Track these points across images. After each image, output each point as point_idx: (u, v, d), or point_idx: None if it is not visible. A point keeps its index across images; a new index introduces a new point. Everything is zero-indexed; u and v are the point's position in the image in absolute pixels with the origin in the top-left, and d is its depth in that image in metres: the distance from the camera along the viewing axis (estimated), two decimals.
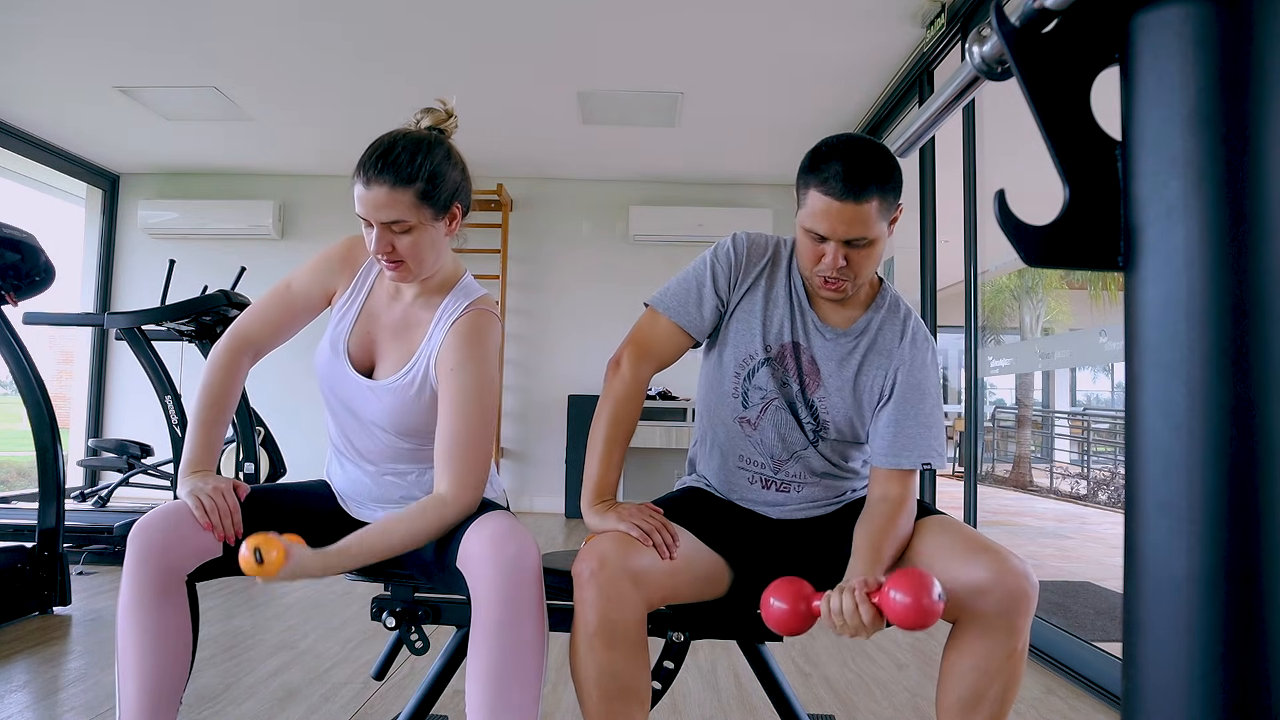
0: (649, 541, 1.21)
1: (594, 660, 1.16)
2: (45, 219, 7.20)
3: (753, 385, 1.37)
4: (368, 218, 1.27)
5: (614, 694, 1.17)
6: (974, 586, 1.12)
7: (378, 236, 1.27)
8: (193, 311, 3.43)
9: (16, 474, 8.57)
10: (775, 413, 1.37)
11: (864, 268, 1.25)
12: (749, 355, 1.36)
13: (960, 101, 0.62)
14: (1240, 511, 0.37)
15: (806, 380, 1.35)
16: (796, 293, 1.37)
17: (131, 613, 1.22)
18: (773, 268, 1.38)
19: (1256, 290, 0.38)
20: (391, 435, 1.38)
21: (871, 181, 1.18)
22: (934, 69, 3.42)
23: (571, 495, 5.41)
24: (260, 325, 1.44)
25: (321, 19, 3.47)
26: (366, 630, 2.63)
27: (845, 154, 1.19)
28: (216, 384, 1.38)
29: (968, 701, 1.13)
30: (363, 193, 1.27)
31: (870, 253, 1.24)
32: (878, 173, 1.19)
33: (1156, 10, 0.41)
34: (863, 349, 1.35)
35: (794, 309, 1.36)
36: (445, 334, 1.33)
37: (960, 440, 10.78)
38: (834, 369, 1.34)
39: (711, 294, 1.37)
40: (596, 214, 5.75)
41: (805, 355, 1.35)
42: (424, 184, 1.27)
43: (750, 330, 1.36)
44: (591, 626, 1.16)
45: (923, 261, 3.51)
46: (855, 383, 1.34)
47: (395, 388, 1.35)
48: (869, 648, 2.55)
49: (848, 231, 1.20)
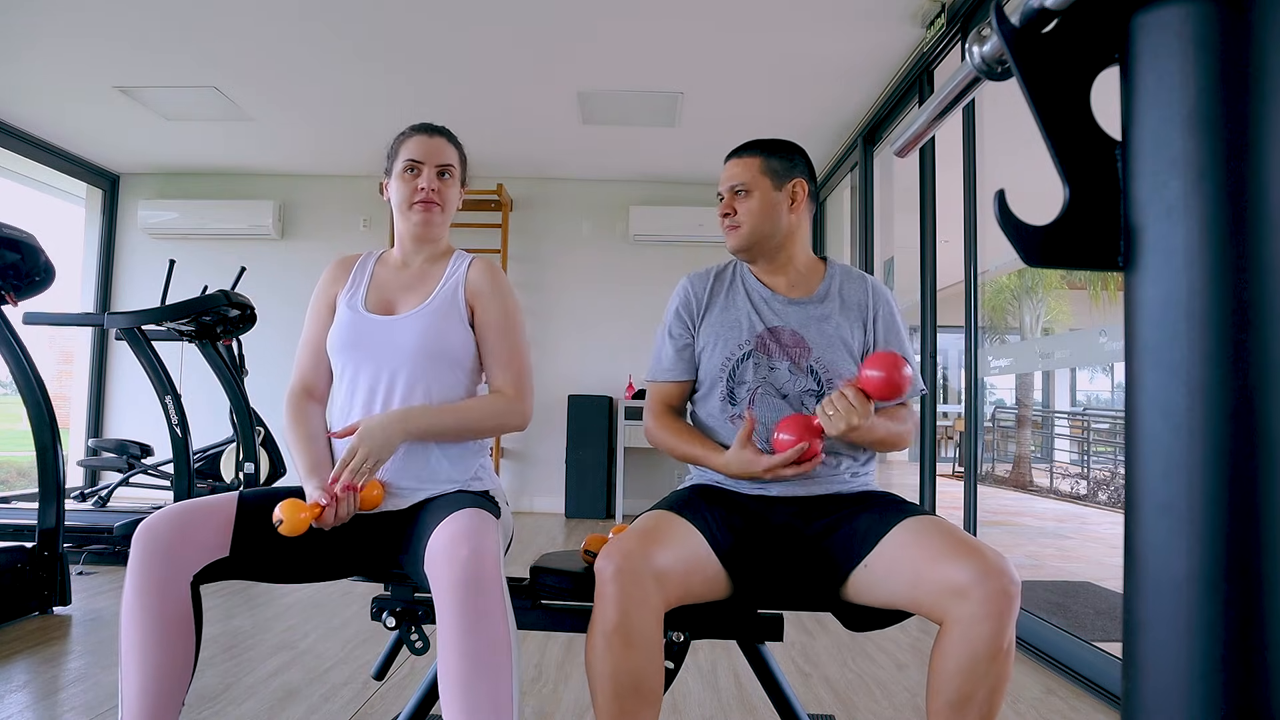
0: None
1: (611, 657, 1.17)
2: (45, 219, 7.21)
3: (737, 382, 1.50)
4: (424, 159, 1.49)
5: (628, 692, 1.17)
6: (956, 588, 1.12)
7: (426, 177, 1.49)
8: (193, 311, 3.43)
9: (16, 474, 8.57)
10: (762, 399, 1.47)
11: (745, 215, 1.52)
12: (727, 357, 1.50)
13: (960, 101, 0.62)
14: (1240, 511, 0.37)
15: (796, 353, 1.49)
16: (752, 288, 1.55)
17: (134, 613, 1.22)
18: (718, 283, 1.58)
19: (1256, 290, 0.38)
20: (421, 360, 1.43)
21: (756, 148, 1.54)
22: (934, 69, 3.42)
23: (571, 495, 5.41)
24: (303, 368, 1.54)
25: (321, 19, 3.47)
26: (366, 630, 2.63)
27: (756, 139, 1.57)
28: (293, 428, 1.48)
29: (956, 704, 1.13)
30: (424, 139, 1.51)
31: (747, 202, 1.51)
32: (764, 144, 1.54)
33: (1156, 10, 0.41)
34: (835, 308, 1.52)
35: (754, 302, 1.53)
36: (465, 269, 1.53)
37: (960, 440, 10.76)
38: (816, 332, 1.50)
39: (683, 335, 1.56)
40: (596, 214, 5.75)
41: (786, 332, 1.50)
42: (463, 152, 1.58)
43: (723, 337, 1.52)
44: (611, 624, 1.16)
45: (923, 261, 3.51)
46: (840, 337, 1.50)
47: (423, 312, 1.48)
48: (869, 648, 2.56)
49: (729, 179, 1.54)
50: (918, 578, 1.18)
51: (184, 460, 3.33)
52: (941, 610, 1.15)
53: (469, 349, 1.48)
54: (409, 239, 1.55)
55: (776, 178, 1.52)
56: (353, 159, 5.37)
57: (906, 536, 1.25)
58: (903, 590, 1.22)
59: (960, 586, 1.12)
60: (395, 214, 1.55)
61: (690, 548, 1.29)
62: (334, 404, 1.52)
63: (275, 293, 5.28)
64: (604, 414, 5.42)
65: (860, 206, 4.54)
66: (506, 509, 1.50)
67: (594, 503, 5.39)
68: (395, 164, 1.52)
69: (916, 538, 1.23)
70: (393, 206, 1.54)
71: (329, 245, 5.61)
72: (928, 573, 1.17)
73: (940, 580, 1.15)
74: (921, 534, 1.24)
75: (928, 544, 1.21)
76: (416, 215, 1.50)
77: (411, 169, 1.49)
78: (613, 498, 5.42)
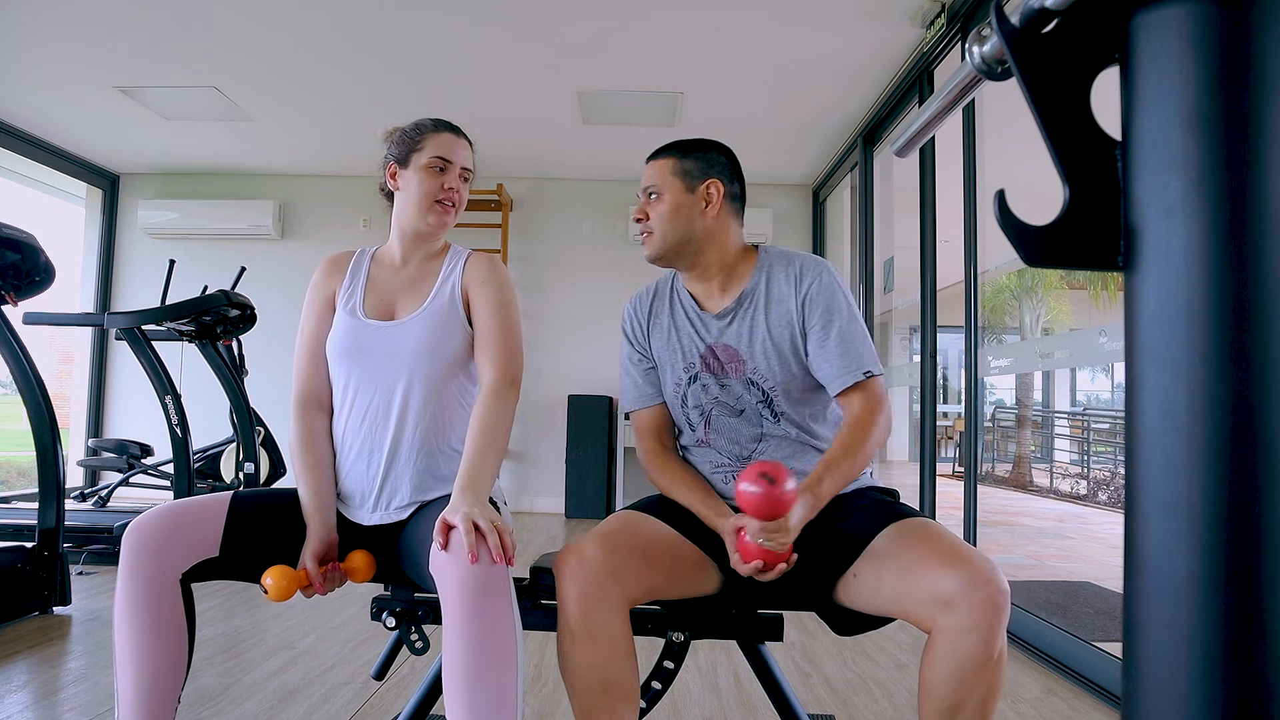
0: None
1: (577, 656, 1.18)
2: (45, 219, 7.22)
3: (689, 408, 1.47)
4: (452, 158, 1.49)
5: (598, 689, 1.18)
6: (942, 598, 1.10)
7: (452, 178, 1.49)
8: (192, 311, 3.43)
9: (16, 474, 8.57)
10: (717, 420, 1.45)
11: (656, 221, 1.45)
12: (675, 383, 1.49)
13: (960, 101, 0.62)
14: (1240, 512, 0.37)
15: (733, 368, 1.44)
16: (687, 306, 1.50)
17: (127, 612, 1.22)
18: (658, 302, 1.54)
19: (1256, 290, 0.38)
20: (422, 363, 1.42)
21: (671, 149, 1.47)
22: (934, 69, 3.42)
23: (571, 495, 5.41)
24: (306, 375, 1.50)
25: (322, 20, 3.47)
26: (366, 630, 2.63)
27: (676, 139, 1.51)
28: (300, 454, 1.44)
29: (947, 712, 1.11)
30: (454, 140, 1.50)
31: (658, 206, 1.44)
32: (678, 144, 1.48)
33: (1156, 10, 0.41)
34: (760, 309, 1.43)
35: (691, 320, 1.48)
36: (462, 267, 1.51)
37: (960, 440, 10.76)
38: (746, 342, 1.43)
39: (639, 358, 1.53)
40: (596, 214, 5.75)
41: (719, 348, 1.45)
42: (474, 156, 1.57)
43: (669, 363, 1.49)
44: (573, 623, 1.18)
45: (923, 261, 3.51)
46: (771, 339, 1.41)
47: (424, 314, 1.46)
48: (869, 648, 2.56)
49: (643, 182, 1.48)
50: (905, 587, 1.16)
51: (184, 460, 3.33)
52: (929, 620, 1.12)
53: (470, 348, 1.48)
54: (413, 237, 1.50)
55: (689, 179, 1.44)
56: (353, 159, 5.36)
57: (893, 545, 1.22)
58: (890, 599, 1.19)
59: (947, 596, 1.09)
60: (405, 206, 1.48)
61: (658, 541, 1.29)
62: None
63: (275, 293, 5.29)
64: (604, 414, 5.42)
65: (860, 206, 4.54)
66: (506, 509, 1.49)
67: (594, 503, 5.39)
68: (418, 156, 1.46)
69: (903, 546, 1.21)
70: (406, 198, 1.48)
71: (329, 245, 5.61)
72: (915, 582, 1.14)
73: (927, 590, 1.12)
74: (909, 541, 1.21)
75: (915, 552, 1.18)
76: (435, 215, 1.47)
77: (441, 168, 1.47)
78: (612, 498, 5.42)
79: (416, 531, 1.35)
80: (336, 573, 1.36)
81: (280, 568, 1.30)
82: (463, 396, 1.48)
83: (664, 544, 1.29)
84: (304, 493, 1.40)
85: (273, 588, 1.27)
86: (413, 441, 1.42)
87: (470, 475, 1.30)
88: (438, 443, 1.44)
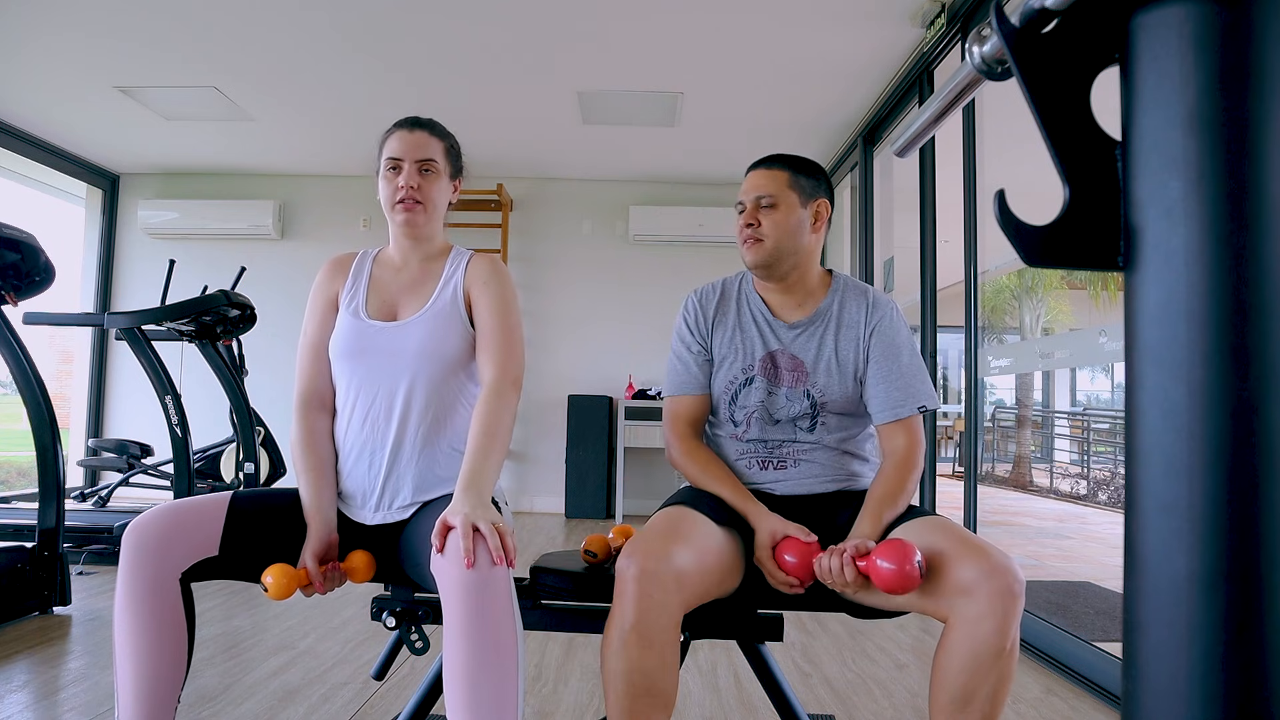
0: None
1: (627, 657, 1.17)
2: (45, 219, 7.21)
3: (738, 406, 1.52)
4: (404, 156, 1.45)
5: (641, 693, 1.17)
6: (961, 587, 1.14)
7: (407, 174, 1.45)
8: (192, 311, 3.43)
9: (16, 474, 8.57)
10: (756, 422, 1.50)
11: (770, 229, 1.48)
12: (731, 380, 1.52)
13: (960, 101, 0.62)
14: (1240, 511, 0.37)
15: (794, 377, 1.49)
16: (756, 310, 1.54)
17: (127, 612, 1.23)
18: (724, 300, 1.57)
19: (1256, 290, 0.38)
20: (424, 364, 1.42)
21: (783, 161, 1.51)
22: (934, 69, 3.42)
23: (571, 496, 5.41)
24: (308, 375, 1.50)
25: (322, 19, 3.47)
26: (366, 630, 2.63)
27: (781, 153, 1.56)
28: (302, 455, 1.44)
29: (959, 701, 1.14)
30: (405, 135, 1.47)
31: (772, 215, 1.48)
32: (791, 159, 1.52)
33: (1156, 10, 0.41)
34: (831, 328, 1.51)
35: (759, 324, 1.53)
36: (464, 268, 1.51)
37: (960, 440, 10.76)
38: (813, 355, 1.49)
39: (698, 349, 1.55)
40: (596, 214, 5.75)
41: (784, 356, 1.51)
42: (451, 143, 1.54)
43: (728, 359, 1.53)
44: (629, 624, 1.16)
45: (923, 261, 3.51)
46: (836, 358, 1.49)
47: (426, 315, 1.46)
48: (869, 648, 2.56)
49: (754, 189, 1.50)
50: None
51: (184, 460, 3.33)
52: (946, 609, 1.16)
53: (471, 349, 1.48)
54: (400, 238, 1.52)
55: (804, 194, 1.50)
56: (353, 159, 5.36)
57: (912, 536, 1.26)
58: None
59: (965, 585, 1.13)
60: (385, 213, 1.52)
61: (711, 543, 1.30)
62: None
63: (275, 293, 5.29)
64: (604, 414, 5.42)
65: (860, 206, 4.54)
66: (507, 509, 1.49)
67: (594, 503, 5.39)
68: (381, 161, 1.49)
69: (921, 537, 1.24)
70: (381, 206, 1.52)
71: (329, 245, 5.61)
72: (933, 572, 1.18)
73: (945, 580, 1.16)
74: (926, 535, 1.25)
75: (933, 544, 1.21)
76: (399, 216, 1.46)
77: (393, 167, 1.46)
78: (612, 498, 5.42)
79: (418, 531, 1.35)
80: (336, 572, 1.36)
81: (280, 566, 1.30)
82: (464, 396, 1.48)
83: (716, 547, 1.31)
84: (305, 492, 1.40)
85: (273, 586, 1.28)
86: (415, 441, 1.42)
87: (471, 475, 1.30)
88: (439, 443, 1.44)
